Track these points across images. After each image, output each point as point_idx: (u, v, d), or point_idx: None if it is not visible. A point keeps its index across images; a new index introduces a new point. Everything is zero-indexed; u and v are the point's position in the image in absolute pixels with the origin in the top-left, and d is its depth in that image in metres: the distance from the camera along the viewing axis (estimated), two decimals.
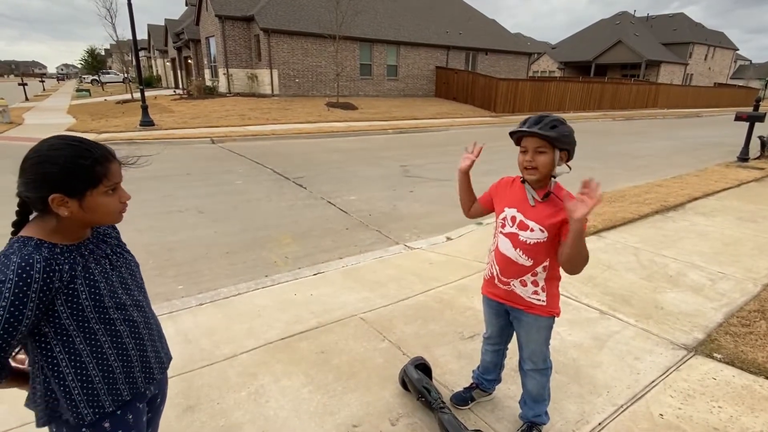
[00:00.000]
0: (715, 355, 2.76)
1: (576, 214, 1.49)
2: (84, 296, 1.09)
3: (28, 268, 0.99)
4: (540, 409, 2.07)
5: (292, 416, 2.22)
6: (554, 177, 1.75)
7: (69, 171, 1.04)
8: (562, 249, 1.66)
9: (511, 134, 1.76)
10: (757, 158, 10.44)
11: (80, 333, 1.10)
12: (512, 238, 1.82)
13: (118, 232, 1.34)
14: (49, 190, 1.04)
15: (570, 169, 1.75)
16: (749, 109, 10.61)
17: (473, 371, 2.36)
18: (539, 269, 1.81)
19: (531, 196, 1.79)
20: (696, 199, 6.58)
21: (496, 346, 2.18)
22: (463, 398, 2.29)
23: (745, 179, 8.09)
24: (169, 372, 2.44)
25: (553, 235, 1.75)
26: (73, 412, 1.13)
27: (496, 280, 1.94)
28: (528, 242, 1.78)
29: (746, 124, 10.21)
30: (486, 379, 2.28)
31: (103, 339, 1.14)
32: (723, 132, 17.48)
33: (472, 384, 2.33)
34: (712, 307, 3.38)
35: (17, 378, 1.18)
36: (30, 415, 1.19)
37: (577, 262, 1.61)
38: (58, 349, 1.10)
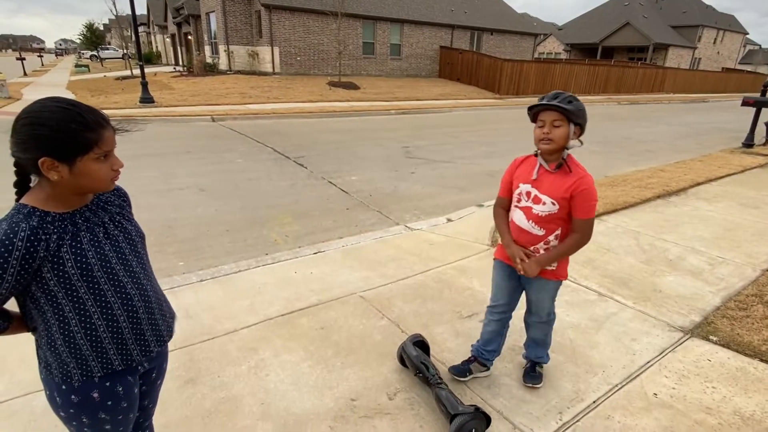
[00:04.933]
0: (711, 337, 2.79)
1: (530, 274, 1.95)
2: (69, 265, 1.08)
3: (12, 236, 1.01)
4: (542, 351, 2.31)
5: (291, 389, 2.25)
6: (567, 149, 1.88)
7: (59, 135, 1.02)
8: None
9: (530, 109, 1.87)
10: (763, 144, 10.34)
11: (69, 301, 1.11)
12: (526, 211, 1.97)
13: (124, 201, 1.31)
14: (38, 153, 1.02)
15: (582, 143, 1.90)
16: (757, 95, 10.47)
17: (472, 345, 2.40)
18: (551, 237, 1.96)
19: (538, 168, 1.93)
20: (699, 184, 6.54)
21: (502, 314, 2.25)
22: (461, 370, 2.33)
23: (749, 165, 8.03)
24: (170, 346, 2.48)
25: (564, 207, 1.88)
26: (63, 372, 1.14)
27: None
28: (540, 214, 1.92)
29: (752, 110, 10.09)
30: (486, 350, 2.32)
31: (93, 309, 1.14)
32: (729, 118, 17.29)
33: (470, 357, 2.37)
34: (710, 291, 3.40)
35: (22, 325, 1.19)
36: (32, 384, 1.20)
37: (574, 252, 1.96)
38: (50, 314, 1.12)
